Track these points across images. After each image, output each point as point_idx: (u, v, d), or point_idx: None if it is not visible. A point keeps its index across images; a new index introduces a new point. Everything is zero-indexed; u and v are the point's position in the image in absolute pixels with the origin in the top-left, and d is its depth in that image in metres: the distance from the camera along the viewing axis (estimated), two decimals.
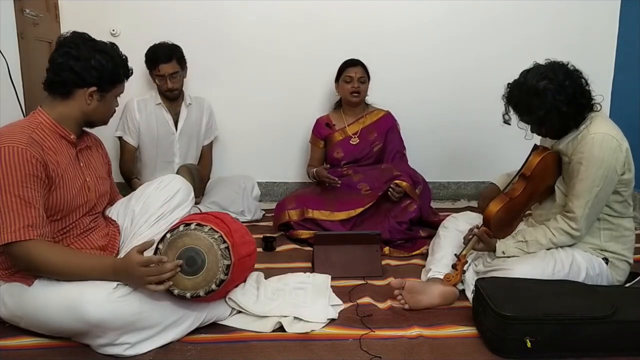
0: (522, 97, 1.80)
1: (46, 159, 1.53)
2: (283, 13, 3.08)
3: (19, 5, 2.46)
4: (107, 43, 1.66)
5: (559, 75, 1.77)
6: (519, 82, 1.82)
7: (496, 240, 1.90)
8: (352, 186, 2.73)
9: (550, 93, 1.74)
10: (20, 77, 2.43)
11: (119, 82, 1.69)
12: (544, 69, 1.80)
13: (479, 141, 3.29)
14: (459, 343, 1.64)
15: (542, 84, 1.75)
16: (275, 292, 1.84)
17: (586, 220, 1.80)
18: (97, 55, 1.60)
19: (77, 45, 1.59)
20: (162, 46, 2.71)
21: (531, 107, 1.79)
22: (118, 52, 1.68)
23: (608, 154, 1.75)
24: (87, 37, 1.64)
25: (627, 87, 3.11)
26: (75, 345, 1.57)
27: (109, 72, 1.63)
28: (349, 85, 2.79)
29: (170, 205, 1.85)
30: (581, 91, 1.79)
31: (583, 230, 1.81)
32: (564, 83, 1.76)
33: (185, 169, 2.62)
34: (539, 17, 3.14)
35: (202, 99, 2.98)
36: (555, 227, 1.84)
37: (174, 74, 2.71)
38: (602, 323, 1.54)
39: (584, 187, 1.77)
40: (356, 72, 2.78)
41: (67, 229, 1.64)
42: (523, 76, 1.82)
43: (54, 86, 1.62)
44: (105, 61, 1.61)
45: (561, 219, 1.85)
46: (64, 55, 1.58)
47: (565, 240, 1.84)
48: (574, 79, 1.79)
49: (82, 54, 1.58)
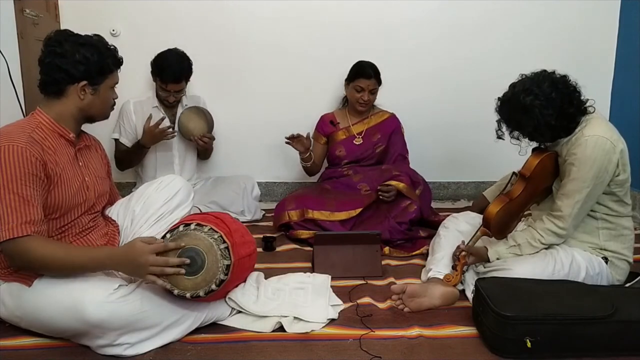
0: (511, 113, 1.83)
1: (45, 158, 1.53)
2: (283, 12, 3.07)
3: (19, 5, 2.47)
4: (92, 36, 1.66)
5: (543, 88, 1.77)
6: (507, 98, 1.85)
7: (486, 250, 1.91)
8: (352, 186, 2.74)
9: (537, 110, 1.76)
10: (20, 77, 2.43)
11: (109, 73, 1.68)
12: (529, 83, 1.80)
13: (479, 141, 3.28)
14: (459, 343, 1.64)
15: (528, 100, 1.76)
16: (275, 292, 1.84)
17: (574, 219, 1.81)
18: (80, 49, 1.60)
19: (61, 43, 1.59)
20: (173, 63, 2.63)
21: (520, 124, 1.82)
22: (103, 43, 1.67)
23: (600, 155, 1.75)
24: (70, 33, 1.64)
25: (627, 87, 3.11)
26: (75, 346, 1.57)
27: (96, 64, 1.62)
28: (358, 95, 2.78)
29: (171, 206, 1.86)
30: (569, 100, 1.79)
31: (570, 229, 1.83)
32: (550, 96, 1.76)
33: (195, 110, 2.71)
34: (539, 17, 3.14)
35: (197, 97, 2.97)
36: (542, 228, 1.85)
37: (179, 91, 2.73)
38: (602, 323, 1.54)
39: (574, 187, 1.78)
40: (369, 84, 2.75)
41: (66, 228, 1.64)
42: (510, 91, 1.84)
43: (46, 86, 1.62)
44: (90, 54, 1.61)
45: (547, 219, 1.85)
46: (50, 54, 1.59)
47: (553, 240, 1.85)
48: (560, 90, 1.78)
49: (66, 50, 1.58)
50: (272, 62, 3.14)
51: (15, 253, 1.47)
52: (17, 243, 1.45)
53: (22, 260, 1.49)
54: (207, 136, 2.76)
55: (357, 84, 2.77)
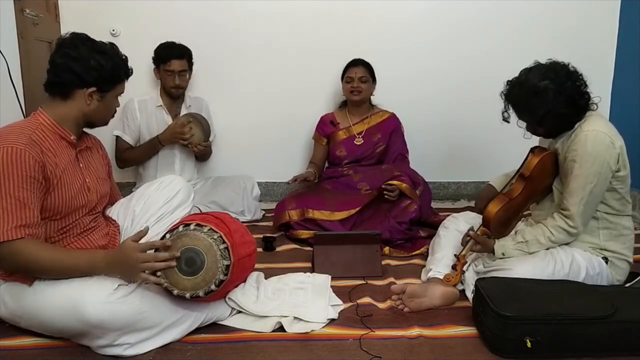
0: (522, 95, 1.80)
1: (45, 160, 1.53)
2: (283, 12, 3.08)
3: (19, 5, 2.47)
4: (107, 43, 1.66)
5: (560, 76, 1.77)
6: (520, 81, 1.82)
7: (494, 242, 1.90)
8: (352, 186, 2.74)
9: (550, 93, 1.74)
10: (20, 77, 2.43)
11: (119, 82, 1.70)
12: (545, 68, 1.80)
13: (478, 141, 3.29)
14: (459, 343, 1.64)
15: (543, 84, 1.75)
16: (275, 292, 1.84)
17: (582, 217, 1.80)
18: (96, 55, 1.60)
19: (76, 46, 1.59)
20: (175, 44, 2.77)
21: (530, 107, 1.79)
22: (117, 52, 1.68)
23: (601, 150, 1.75)
24: (86, 37, 1.64)
25: (627, 87, 3.11)
26: (75, 346, 1.57)
27: (108, 72, 1.63)
28: (349, 85, 2.82)
29: (171, 206, 1.86)
30: (580, 93, 1.79)
31: (580, 227, 1.82)
32: (565, 84, 1.76)
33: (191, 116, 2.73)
34: (539, 16, 3.14)
35: (201, 99, 2.98)
36: (552, 225, 1.84)
37: (182, 72, 2.76)
38: (602, 323, 1.54)
39: (577, 184, 1.78)
40: (357, 72, 2.80)
41: (67, 229, 1.64)
42: (524, 74, 1.82)
43: (53, 87, 1.62)
44: (104, 61, 1.61)
45: (558, 216, 1.85)
46: (63, 56, 1.59)
47: (564, 237, 1.84)
48: (574, 81, 1.79)
49: (81, 54, 1.58)
50: (272, 62, 3.14)
51: (8, 256, 1.46)
52: (9, 246, 1.44)
53: (13, 264, 1.48)
54: (203, 145, 2.78)
55: (347, 76, 2.83)
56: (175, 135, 2.71)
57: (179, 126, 2.69)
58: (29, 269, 1.50)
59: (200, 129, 2.76)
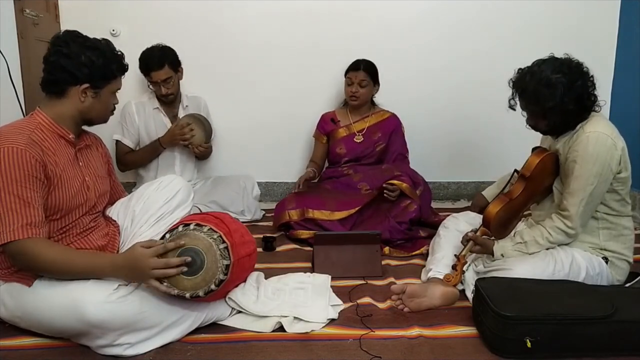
0: (533, 85, 1.78)
1: (45, 159, 1.53)
2: (282, 11, 3.08)
3: (19, 5, 2.47)
4: (100, 39, 1.66)
5: (573, 72, 1.77)
6: (532, 70, 1.81)
7: (493, 243, 1.90)
8: (352, 186, 2.74)
9: (561, 87, 1.74)
10: (20, 77, 2.43)
11: (112, 78, 1.68)
12: (559, 62, 1.79)
13: (479, 141, 3.29)
14: (459, 343, 1.64)
15: (556, 77, 1.75)
16: (275, 292, 1.84)
17: (581, 218, 1.80)
18: (87, 51, 1.60)
19: (67, 43, 1.59)
20: (153, 51, 2.66)
21: (539, 97, 1.78)
22: (110, 48, 1.67)
23: (602, 151, 1.75)
24: (78, 34, 1.64)
25: (627, 87, 3.11)
26: (75, 346, 1.57)
27: (100, 68, 1.62)
28: (348, 88, 2.82)
29: (171, 206, 1.86)
30: (588, 93, 1.79)
31: (578, 228, 1.82)
32: (577, 82, 1.76)
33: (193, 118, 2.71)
34: (539, 16, 3.15)
35: (198, 98, 2.97)
36: (551, 226, 1.85)
37: (167, 80, 2.69)
38: (602, 323, 1.54)
39: (578, 185, 1.78)
40: (357, 76, 2.79)
41: (67, 228, 1.64)
42: (537, 65, 1.81)
43: (48, 85, 1.62)
44: (96, 57, 1.61)
45: (556, 217, 1.85)
46: (55, 53, 1.59)
47: (562, 238, 1.84)
48: (585, 80, 1.79)
49: (72, 51, 1.58)
50: (272, 62, 3.14)
51: (17, 255, 1.48)
52: (18, 245, 1.45)
53: (23, 262, 1.50)
54: (204, 146, 2.78)
55: (348, 77, 2.83)
56: (176, 137, 2.70)
57: (179, 128, 2.68)
58: (39, 269, 1.51)
59: (202, 129, 2.75)
